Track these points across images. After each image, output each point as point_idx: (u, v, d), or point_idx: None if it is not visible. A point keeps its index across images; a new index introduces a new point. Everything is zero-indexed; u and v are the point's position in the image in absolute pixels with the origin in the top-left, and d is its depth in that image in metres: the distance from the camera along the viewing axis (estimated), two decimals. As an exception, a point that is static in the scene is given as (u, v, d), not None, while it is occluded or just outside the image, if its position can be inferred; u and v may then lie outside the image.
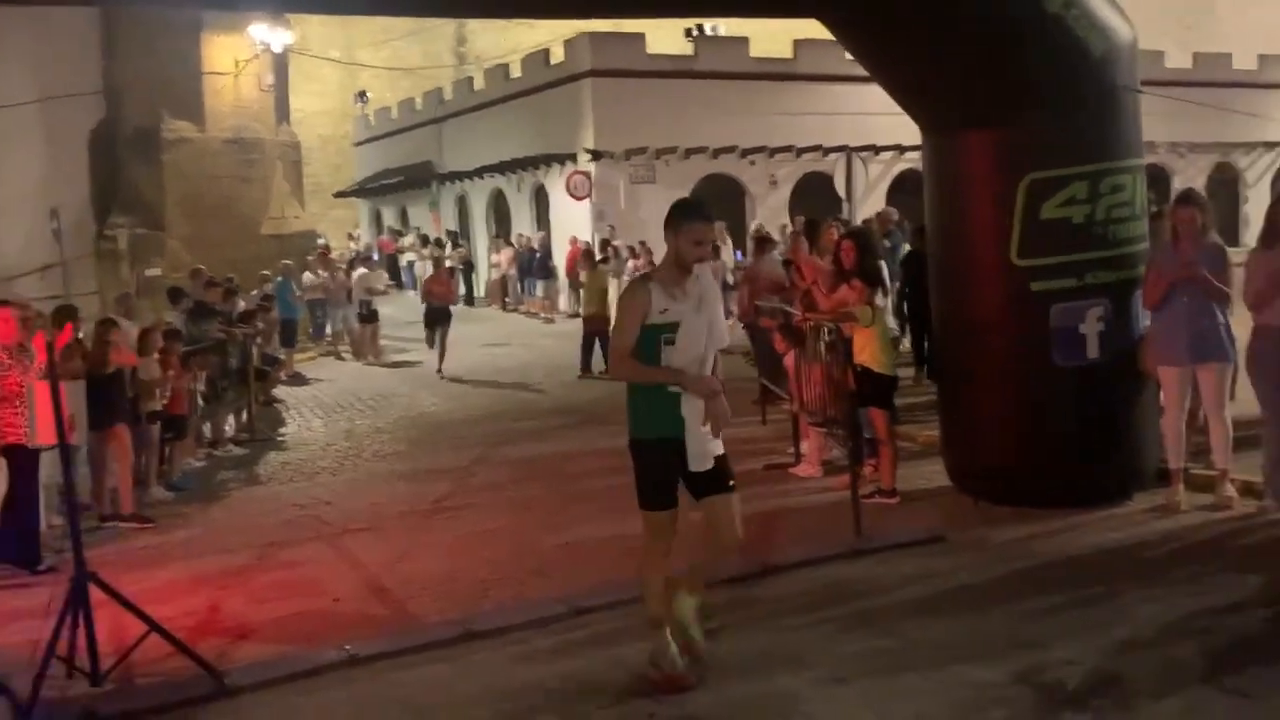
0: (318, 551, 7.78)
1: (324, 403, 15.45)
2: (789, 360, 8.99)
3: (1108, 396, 7.14)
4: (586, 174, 24.19)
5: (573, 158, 24.74)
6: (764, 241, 12.71)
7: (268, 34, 22.60)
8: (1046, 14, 6.82)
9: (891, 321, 8.93)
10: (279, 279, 19.08)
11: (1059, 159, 6.99)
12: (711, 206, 5.23)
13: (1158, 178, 24.63)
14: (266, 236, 23.15)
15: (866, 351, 7.72)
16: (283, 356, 17.81)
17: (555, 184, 25.58)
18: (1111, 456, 7.22)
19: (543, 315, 24.92)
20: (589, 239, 22.93)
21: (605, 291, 16.57)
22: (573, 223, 24.75)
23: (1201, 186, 29.20)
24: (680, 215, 4.71)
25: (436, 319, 17.90)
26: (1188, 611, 5.37)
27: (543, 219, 27.35)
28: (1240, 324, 6.98)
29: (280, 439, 12.99)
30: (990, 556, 6.55)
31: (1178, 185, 26.28)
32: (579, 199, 24.02)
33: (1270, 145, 30.69)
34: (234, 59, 22.78)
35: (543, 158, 25.82)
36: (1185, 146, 28.62)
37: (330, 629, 5.91)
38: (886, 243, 15.36)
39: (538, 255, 25.83)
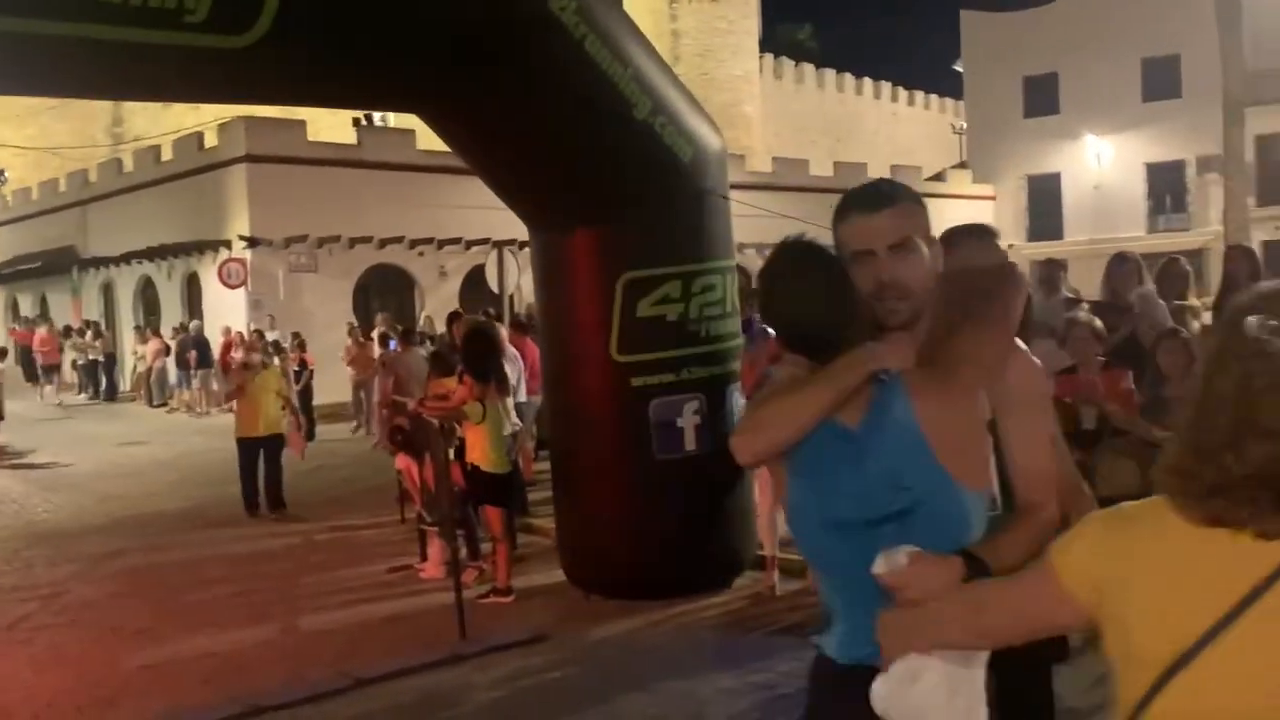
0: None
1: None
2: (399, 460, 8.78)
3: (705, 487, 7.35)
4: (242, 261, 23.21)
5: (227, 244, 23.70)
6: (408, 334, 12.87)
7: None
8: (636, 121, 7.07)
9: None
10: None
11: (653, 259, 7.22)
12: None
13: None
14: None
15: (477, 449, 7.65)
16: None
17: (208, 272, 24.39)
18: (711, 546, 7.43)
19: (197, 409, 23.47)
20: (244, 329, 21.90)
21: (278, 395, 11.95)
22: (228, 313, 23.61)
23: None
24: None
25: None
26: (760, 700, 5.53)
27: (195, 308, 25.93)
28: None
29: None
30: (588, 654, 6.57)
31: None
32: (233, 287, 22.97)
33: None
34: None
35: (195, 244, 24.60)
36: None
37: None
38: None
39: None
